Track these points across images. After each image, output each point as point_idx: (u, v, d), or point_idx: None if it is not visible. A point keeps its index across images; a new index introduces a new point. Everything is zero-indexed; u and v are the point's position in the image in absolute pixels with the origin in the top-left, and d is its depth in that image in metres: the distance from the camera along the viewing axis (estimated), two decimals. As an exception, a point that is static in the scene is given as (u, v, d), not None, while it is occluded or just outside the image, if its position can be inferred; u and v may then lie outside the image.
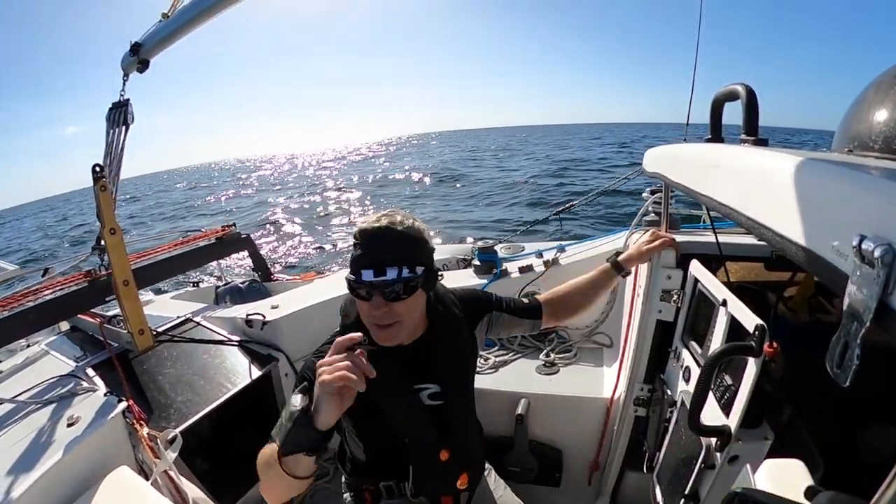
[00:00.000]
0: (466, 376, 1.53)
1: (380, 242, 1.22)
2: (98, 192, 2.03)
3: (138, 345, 2.13)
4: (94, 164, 2.08)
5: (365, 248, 1.22)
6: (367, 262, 1.20)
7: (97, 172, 2.04)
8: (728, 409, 1.20)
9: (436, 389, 1.42)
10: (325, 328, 1.44)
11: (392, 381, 1.33)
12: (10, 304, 2.53)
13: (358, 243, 1.23)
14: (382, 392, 1.30)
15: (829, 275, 0.53)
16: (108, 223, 2.05)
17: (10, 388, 2.04)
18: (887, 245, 0.42)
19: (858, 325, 0.46)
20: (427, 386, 1.41)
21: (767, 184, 0.76)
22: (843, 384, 0.48)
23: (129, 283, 2.12)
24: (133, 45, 2.35)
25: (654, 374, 1.82)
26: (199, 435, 2.17)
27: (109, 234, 2.06)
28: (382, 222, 1.22)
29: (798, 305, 1.90)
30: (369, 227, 1.22)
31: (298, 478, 1.11)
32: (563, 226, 3.45)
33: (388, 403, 1.34)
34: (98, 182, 2.02)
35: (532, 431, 2.20)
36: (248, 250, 4.17)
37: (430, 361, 1.40)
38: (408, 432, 1.36)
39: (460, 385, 1.48)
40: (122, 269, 2.10)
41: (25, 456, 1.57)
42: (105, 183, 2.04)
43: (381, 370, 1.14)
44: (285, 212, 21.68)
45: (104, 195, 2.04)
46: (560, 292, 1.74)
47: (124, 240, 2.10)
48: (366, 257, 1.21)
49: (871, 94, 1.14)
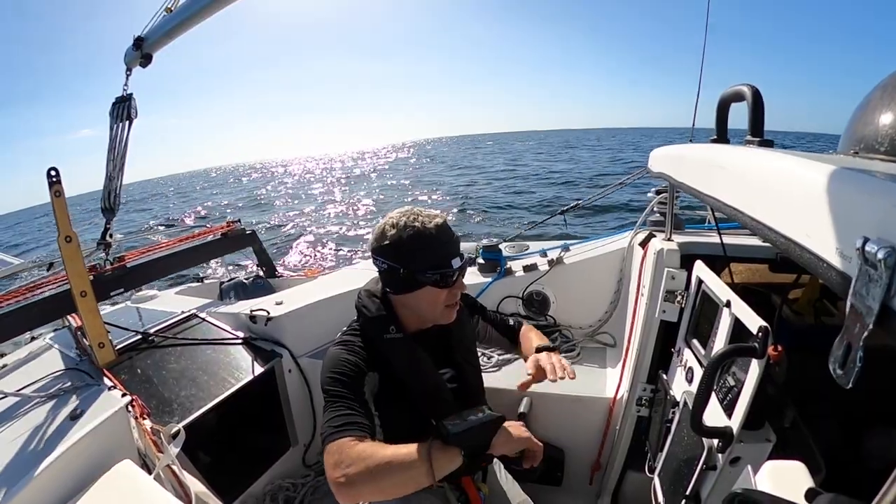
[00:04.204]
0: (478, 359, 1.72)
1: (452, 235, 1.42)
2: (53, 198, 1.91)
3: (98, 359, 2.03)
4: (49, 167, 1.92)
5: (445, 240, 1.39)
6: (454, 252, 1.41)
7: (52, 177, 1.91)
8: (730, 410, 1.20)
9: (452, 373, 1.55)
10: (330, 324, 1.47)
11: (424, 365, 1.47)
12: (15, 298, 2.54)
13: (434, 239, 1.37)
14: (416, 376, 1.45)
15: (833, 277, 0.53)
16: (63, 231, 1.93)
17: (15, 381, 2.05)
18: (891, 248, 0.42)
19: (861, 327, 0.46)
20: (445, 370, 1.54)
21: (772, 185, 0.76)
22: (845, 386, 0.48)
23: (87, 293, 2.02)
24: (136, 39, 2.35)
25: (656, 374, 1.81)
26: (202, 430, 2.17)
27: (65, 242, 1.94)
28: (438, 220, 1.40)
29: (803, 308, 1.90)
30: (440, 224, 1.39)
31: (433, 477, 1.18)
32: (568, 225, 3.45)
33: (417, 386, 1.45)
34: (53, 187, 1.91)
35: (534, 430, 2.19)
36: (253, 246, 4.18)
37: (447, 346, 1.57)
38: (433, 413, 1.40)
39: (474, 366, 1.67)
40: (78, 279, 1.99)
41: (29, 449, 1.57)
42: (59, 188, 1.92)
43: (413, 355, 1.45)
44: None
45: (58, 201, 1.91)
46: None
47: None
48: (452, 248, 1.41)
49: (878, 97, 1.14)
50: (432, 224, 1.38)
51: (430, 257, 1.37)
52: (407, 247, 1.36)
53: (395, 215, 1.41)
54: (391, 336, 1.43)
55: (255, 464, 2.43)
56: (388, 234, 1.38)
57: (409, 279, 1.39)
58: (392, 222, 1.39)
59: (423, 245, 1.36)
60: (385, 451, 1.19)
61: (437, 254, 1.38)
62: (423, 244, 1.36)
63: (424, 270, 1.37)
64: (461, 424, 1.23)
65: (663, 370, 1.75)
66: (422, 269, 1.37)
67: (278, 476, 2.47)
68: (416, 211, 1.41)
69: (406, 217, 1.38)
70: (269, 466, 2.44)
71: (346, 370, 1.35)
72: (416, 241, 1.36)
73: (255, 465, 2.42)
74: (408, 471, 1.16)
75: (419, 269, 1.37)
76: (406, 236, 1.36)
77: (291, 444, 2.53)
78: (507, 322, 1.85)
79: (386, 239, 1.38)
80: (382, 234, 1.40)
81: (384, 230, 1.40)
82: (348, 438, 1.21)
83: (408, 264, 1.37)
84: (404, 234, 1.36)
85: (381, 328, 1.44)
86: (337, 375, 1.35)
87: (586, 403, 2.14)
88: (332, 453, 1.19)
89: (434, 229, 1.37)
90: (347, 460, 1.16)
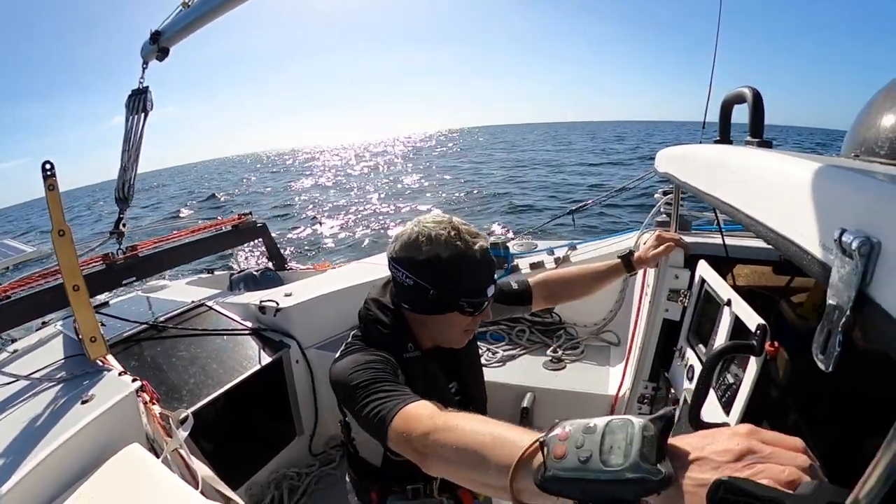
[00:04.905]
0: (481, 371, 1.58)
1: (492, 260, 1.27)
2: (47, 192, 1.87)
3: (90, 353, 1.97)
4: (44, 161, 1.90)
5: (485, 267, 1.24)
6: (491, 279, 1.27)
7: (47, 170, 1.88)
8: (729, 406, 1.21)
9: (457, 386, 1.45)
10: (338, 317, 1.44)
11: (438, 383, 1.35)
12: (28, 284, 2.60)
13: (477, 264, 1.22)
14: (430, 394, 1.14)
15: (816, 268, 0.55)
16: (56, 224, 1.88)
17: (26, 365, 2.09)
18: (865, 237, 0.44)
19: (839, 313, 0.48)
20: (451, 384, 1.44)
21: (765, 183, 0.78)
22: (826, 370, 0.50)
23: (80, 288, 1.96)
24: (153, 33, 2.40)
25: (659, 372, 1.83)
26: (210, 417, 2.20)
27: (58, 236, 1.88)
28: (483, 242, 1.24)
29: (808, 313, 1.90)
30: (484, 248, 1.24)
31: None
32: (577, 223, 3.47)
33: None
34: (47, 180, 1.87)
35: (537, 425, 2.20)
36: (264, 239, 4.22)
37: (454, 359, 1.44)
38: None
39: (479, 380, 1.55)
40: (71, 273, 1.94)
41: (39, 431, 1.60)
42: (54, 182, 1.88)
43: (430, 373, 1.31)
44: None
45: (52, 195, 1.88)
46: (563, 276, 1.72)
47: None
48: (490, 275, 1.27)
49: (880, 100, 1.14)
50: (477, 247, 1.21)
51: (467, 284, 1.22)
52: (444, 268, 1.19)
53: (432, 226, 1.21)
54: (410, 355, 1.27)
55: (260, 452, 2.46)
56: (423, 247, 1.19)
57: (438, 302, 1.22)
58: (428, 234, 1.20)
59: (463, 269, 1.20)
60: (497, 438, 0.73)
61: (476, 280, 1.23)
62: (463, 268, 1.20)
63: (458, 297, 1.22)
64: (569, 466, 0.58)
65: (665, 368, 1.77)
66: (455, 295, 1.21)
67: (283, 465, 2.51)
68: (455, 225, 1.23)
69: (446, 232, 1.20)
70: (274, 455, 2.48)
71: (376, 359, 1.17)
72: (455, 264, 1.19)
73: (260, 454, 2.46)
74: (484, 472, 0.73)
75: (453, 294, 1.21)
76: (446, 256, 1.18)
77: (297, 433, 2.57)
78: (512, 289, 1.63)
79: (420, 253, 1.19)
80: (415, 245, 1.20)
81: (417, 242, 1.20)
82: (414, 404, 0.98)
83: (441, 287, 1.20)
84: (444, 253, 1.18)
85: (400, 346, 1.27)
86: (367, 366, 1.14)
87: (589, 400, 2.16)
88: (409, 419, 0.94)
89: (478, 253, 1.21)
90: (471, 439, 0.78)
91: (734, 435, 0.53)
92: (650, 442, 0.54)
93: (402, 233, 1.25)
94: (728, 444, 0.52)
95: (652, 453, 0.53)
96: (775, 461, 0.50)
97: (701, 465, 0.52)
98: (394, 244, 1.25)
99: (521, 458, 0.65)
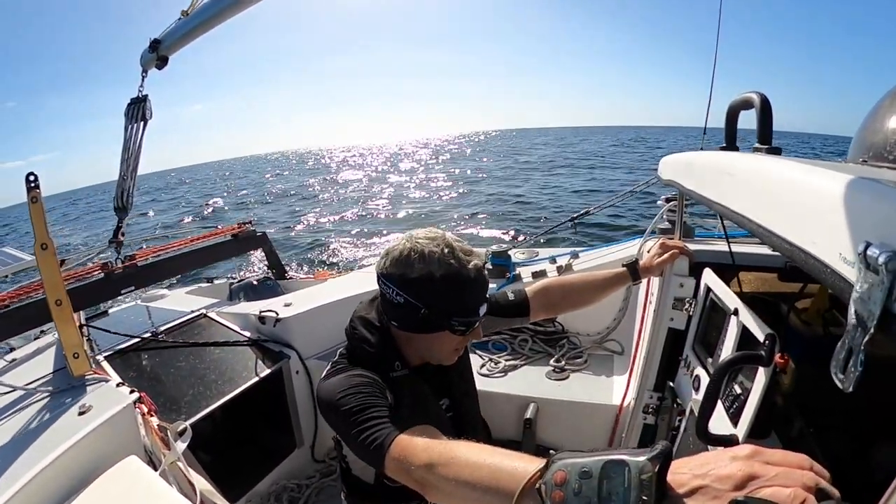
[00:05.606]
0: (474, 387, 1.55)
1: (486, 279, 1.24)
2: (29, 203, 1.83)
3: (73, 370, 1.92)
4: (28, 172, 1.86)
5: (479, 287, 1.21)
6: (483, 300, 1.23)
7: (30, 182, 1.84)
8: (737, 418, 1.19)
9: (448, 402, 1.42)
10: (338, 327, 1.42)
11: (428, 400, 1.32)
12: (26, 293, 2.58)
13: (471, 284, 1.19)
14: (419, 411, 1.23)
15: (837, 282, 0.53)
16: (39, 238, 1.84)
17: (24, 375, 2.07)
18: (892, 252, 0.42)
19: (863, 331, 0.46)
20: (443, 400, 1.40)
21: (778, 192, 0.76)
22: (846, 390, 0.48)
23: (63, 302, 1.91)
24: (152, 41, 2.39)
25: (663, 382, 1.80)
26: (209, 428, 2.18)
27: (41, 250, 1.85)
28: (477, 261, 1.20)
29: (813, 318, 1.88)
30: (479, 267, 1.20)
31: None
32: (579, 232, 3.46)
33: (419, 420, 1.19)
34: (30, 193, 1.83)
35: (540, 436, 2.19)
36: (264, 248, 4.21)
37: (445, 375, 1.40)
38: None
39: (471, 395, 1.52)
40: (54, 287, 1.90)
41: (36, 443, 1.58)
42: (37, 194, 1.84)
43: (418, 390, 1.25)
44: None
45: (35, 207, 1.84)
46: (564, 285, 1.69)
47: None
48: (481, 296, 1.22)
49: (887, 105, 1.13)
50: (471, 266, 1.17)
51: (460, 304, 1.19)
52: (437, 288, 1.15)
53: (425, 242, 1.17)
54: (397, 374, 1.24)
55: (260, 463, 2.44)
56: (416, 265, 1.15)
57: (429, 321, 1.19)
58: (421, 251, 1.16)
59: (456, 289, 1.17)
60: (496, 466, 0.75)
61: (469, 301, 1.20)
62: (457, 288, 1.17)
63: (450, 317, 1.18)
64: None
65: (670, 378, 1.74)
66: (448, 315, 1.18)
67: (283, 476, 2.48)
68: (449, 242, 1.19)
69: (439, 250, 1.16)
70: (274, 466, 2.45)
71: (364, 382, 1.14)
72: (448, 284, 1.15)
73: (260, 465, 2.43)
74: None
75: (445, 314, 1.18)
76: (439, 275, 1.14)
77: (297, 445, 2.54)
78: (508, 301, 1.59)
79: (412, 271, 1.15)
80: (406, 262, 1.16)
81: (409, 259, 1.16)
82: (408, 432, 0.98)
83: (433, 306, 1.17)
84: (437, 271, 1.15)
85: (387, 365, 1.24)
86: (356, 389, 1.12)
87: (593, 410, 2.14)
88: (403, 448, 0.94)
89: (473, 272, 1.17)
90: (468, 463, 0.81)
91: (735, 459, 0.53)
92: (648, 486, 0.53)
93: (393, 248, 1.21)
94: (730, 470, 0.52)
95: (651, 498, 0.53)
96: (780, 483, 0.49)
97: (703, 496, 0.52)
98: (384, 259, 1.21)
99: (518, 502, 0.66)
